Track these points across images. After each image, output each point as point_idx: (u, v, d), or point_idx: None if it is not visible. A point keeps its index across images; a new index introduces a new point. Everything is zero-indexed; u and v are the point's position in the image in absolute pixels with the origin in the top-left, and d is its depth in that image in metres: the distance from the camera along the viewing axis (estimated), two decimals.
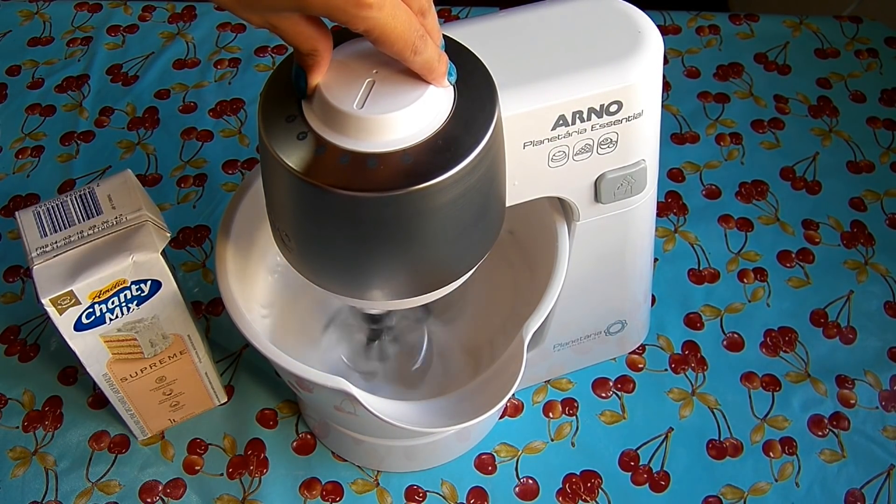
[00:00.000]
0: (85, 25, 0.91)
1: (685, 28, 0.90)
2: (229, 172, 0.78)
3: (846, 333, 0.68)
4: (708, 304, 0.69)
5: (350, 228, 0.40)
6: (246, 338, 0.49)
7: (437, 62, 0.40)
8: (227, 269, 0.52)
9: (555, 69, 0.45)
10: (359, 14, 0.37)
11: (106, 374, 0.55)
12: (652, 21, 0.48)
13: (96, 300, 0.50)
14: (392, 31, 0.38)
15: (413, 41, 0.39)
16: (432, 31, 0.41)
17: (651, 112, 0.48)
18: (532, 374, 0.64)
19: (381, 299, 0.45)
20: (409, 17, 0.39)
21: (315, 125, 0.40)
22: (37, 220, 0.51)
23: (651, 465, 0.61)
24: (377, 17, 0.37)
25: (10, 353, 0.67)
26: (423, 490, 0.60)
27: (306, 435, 0.63)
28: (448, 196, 0.40)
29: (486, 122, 0.41)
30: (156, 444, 0.63)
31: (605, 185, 0.50)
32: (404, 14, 0.39)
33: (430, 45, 0.40)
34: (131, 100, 0.84)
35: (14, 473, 0.61)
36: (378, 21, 0.38)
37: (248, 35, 0.90)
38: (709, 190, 0.77)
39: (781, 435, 0.62)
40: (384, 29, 0.38)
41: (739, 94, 0.84)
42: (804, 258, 0.72)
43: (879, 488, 0.60)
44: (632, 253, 0.57)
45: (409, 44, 0.39)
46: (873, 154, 0.79)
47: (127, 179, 0.53)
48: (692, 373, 0.66)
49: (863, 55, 0.87)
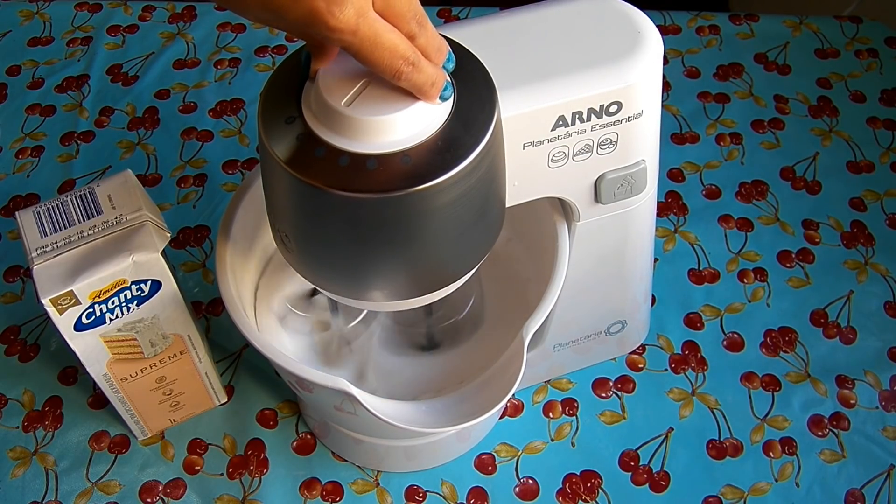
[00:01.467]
0: (85, 25, 0.91)
1: (685, 28, 0.90)
2: (229, 172, 0.78)
3: (846, 333, 0.68)
4: (708, 304, 0.69)
5: (350, 229, 0.41)
6: (246, 338, 0.49)
7: (430, 86, 0.40)
8: (227, 269, 0.52)
9: (555, 69, 0.45)
10: (331, 35, 0.37)
11: (106, 374, 0.55)
12: (652, 21, 0.48)
13: (96, 300, 0.50)
14: (370, 55, 0.38)
15: (397, 67, 0.39)
16: (428, 50, 0.40)
17: (651, 112, 0.48)
18: (532, 374, 0.64)
19: (380, 300, 0.45)
20: (395, 43, 0.38)
21: (315, 126, 0.40)
22: (37, 220, 0.51)
23: (651, 465, 0.61)
24: (351, 41, 0.37)
25: (10, 353, 0.67)
26: (423, 490, 0.60)
27: (306, 435, 0.63)
28: (448, 197, 0.40)
29: (486, 122, 0.41)
30: (156, 444, 0.63)
31: (605, 186, 0.50)
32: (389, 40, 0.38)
33: (421, 70, 0.39)
34: (131, 100, 0.84)
35: (14, 473, 0.61)
36: (353, 45, 0.38)
37: (248, 35, 0.90)
38: (709, 190, 0.77)
39: (781, 435, 0.62)
40: (360, 53, 0.38)
41: (739, 94, 0.84)
42: (804, 258, 0.72)
43: (879, 488, 0.60)
44: (632, 253, 0.57)
45: (391, 69, 0.39)
46: (873, 154, 0.79)
47: (127, 179, 0.53)
48: (692, 373, 0.66)
49: (863, 55, 0.87)
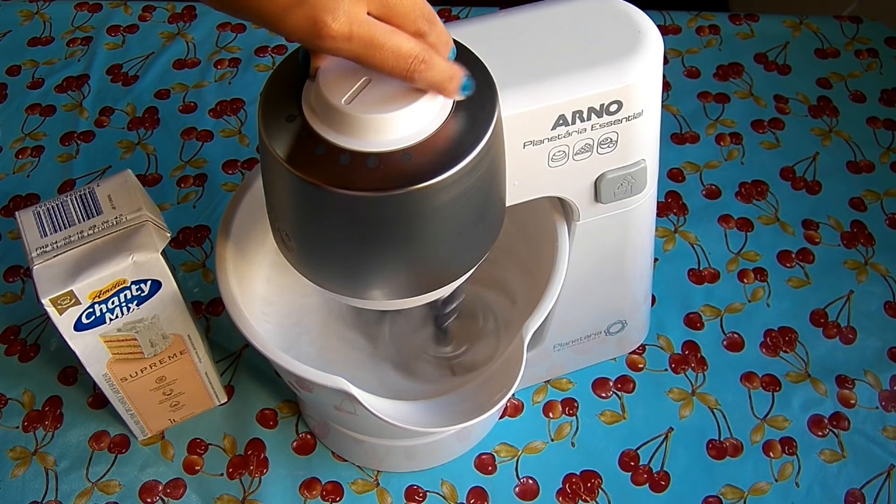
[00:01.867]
0: (85, 25, 0.91)
1: (685, 28, 0.90)
2: (229, 172, 0.78)
3: (846, 333, 0.67)
4: (708, 304, 0.69)
5: (350, 228, 0.40)
6: (246, 338, 0.49)
7: (448, 81, 0.39)
8: (227, 269, 0.52)
9: (555, 69, 0.45)
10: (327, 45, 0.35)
11: (106, 374, 0.55)
12: (652, 21, 0.48)
13: (96, 300, 0.50)
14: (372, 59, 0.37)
15: (406, 67, 0.37)
16: (439, 45, 0.39)
17: (651, 112, 0.48)
18: (532, 374, 0.64)
19: (381, 299, 0.45)
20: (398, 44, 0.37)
21: (315, 124, 0.40)
22: (37, 220, 0.51)
23: (651, 465, 0.61)
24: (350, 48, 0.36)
25: (10, 353, 0.67)
26: (423, 490, 0.60)
27: (306, 435, 0.63)
28: (448, 195, 0.40)
29: (487, 121, 0.41)
30: (156, 444, 0.63)
31: (605, 185, 0.50)
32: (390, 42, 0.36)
33: (434, 67, 0.38)
34: (131, 100, 0.84)
35: (14, 473, 0.61)
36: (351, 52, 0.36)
37: (248, 35, 0.90)
38: (709, 190, 0.77)
39: (781, 435, 0.62)
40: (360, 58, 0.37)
41: (739, 94, 0.84)
42: (804, 258, 0.72)
43: (879, 488, 0.60)
44: (632, 253, 0.57)
45: (401, 70, 0.37)
46: (873, 154, 0.79)
47: (127, 179, 0.53)
48: (692, 373, 0.66)
49: (863, 55, 0.87)
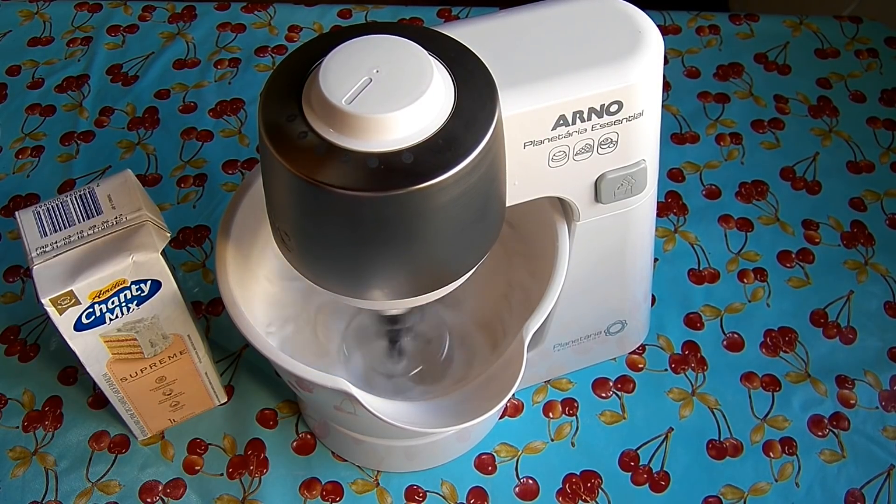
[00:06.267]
0: (85, 25, 0.91)
1: (685, 28, 0.90)
2: (229, 172, 0.78)
3: (846, 333, 0.68)
4: (708, 304, 0.69)
5: (350, 228, 0.40)
6: (246, 338, 0.49)
7: None
8: (227, 269, 0.52)
9: (555, 69, 0.45)
10: None
11: (106, 374, 0.55)
12: (652, 21, 0.48)
13: (96, 300, 0.50)
14: None
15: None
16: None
17: (651, 112, 0.48)
18: (532, 374, 0.64)
19: (381, 299, 0.45)
20: None
21: (315, 124, 0.40)
22: (37, 220, 0.51)
23: (651, 465, 0.61)
24: None
25: (10, 353, 0.67)
26: (423, 490, 0.60)
27: (306, 435, 0.63)
28: (449, 195, 0.40)
29: (487, 121, 0.41)
30: (156, 444, 0.63)
31: (605, 185, 0.50)
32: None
33: None
34: (131, 100, 0.84)
35: (14, 473, 0.61)
36: None
37: (248, 35, 0.90)
38: (709, 190, 0.77)
39: (781, 435, 0.62)
40: None
41: (739, 94, 0.84)
42: (804, 258, 0.72)
43: (879, 488, 0.60)
44: (632, 253, 0.57)
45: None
46: (873, 154, 0.79)
47: (127, 179, 0.53)
48: (692, 373, 0.66)
49: (863, 55, 0.87)
